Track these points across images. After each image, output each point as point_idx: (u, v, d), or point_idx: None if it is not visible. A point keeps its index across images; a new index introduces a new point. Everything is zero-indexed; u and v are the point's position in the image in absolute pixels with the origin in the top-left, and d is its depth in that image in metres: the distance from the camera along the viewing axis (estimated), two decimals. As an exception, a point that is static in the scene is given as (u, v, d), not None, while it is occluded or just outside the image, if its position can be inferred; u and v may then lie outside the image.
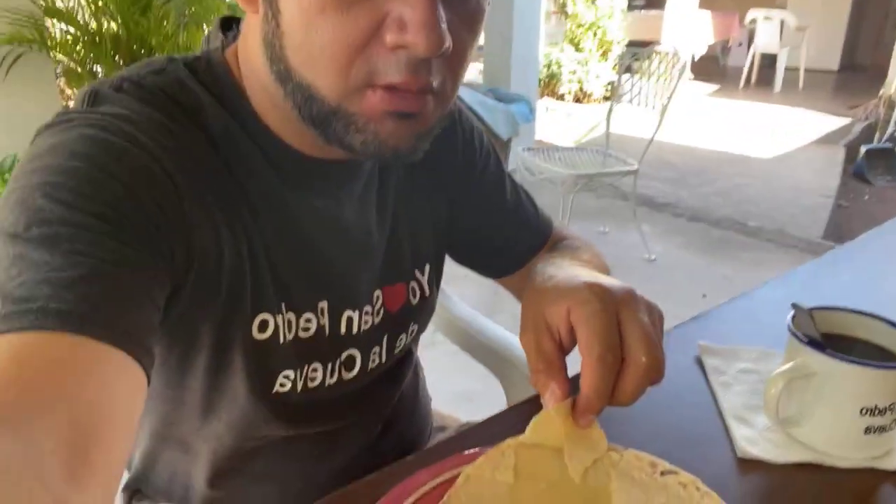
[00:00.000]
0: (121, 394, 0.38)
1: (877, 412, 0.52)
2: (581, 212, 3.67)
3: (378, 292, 0.64)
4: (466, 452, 0.50)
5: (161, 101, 0.50)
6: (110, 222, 0.42)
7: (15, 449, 0.30)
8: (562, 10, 6.92)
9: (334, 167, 0.57)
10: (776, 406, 0.53)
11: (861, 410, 0.52)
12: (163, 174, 0.46)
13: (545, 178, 3.07)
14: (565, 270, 0.53)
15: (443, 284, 1.06)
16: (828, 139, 5.52)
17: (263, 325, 0.55)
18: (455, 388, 2.06)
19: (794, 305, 0.56)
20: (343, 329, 0.61)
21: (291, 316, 0.57)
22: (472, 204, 0.72)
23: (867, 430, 0.52)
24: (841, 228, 3.71)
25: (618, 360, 0.44)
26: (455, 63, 0.48)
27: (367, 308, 0.63)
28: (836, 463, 0.54)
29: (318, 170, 0.57)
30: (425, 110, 0.48)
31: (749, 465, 0.55)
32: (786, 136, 5.62)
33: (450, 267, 0.76)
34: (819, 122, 5.97)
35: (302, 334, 0.58)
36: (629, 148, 3.26)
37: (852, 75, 8.27)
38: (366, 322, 0.63)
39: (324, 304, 0.59)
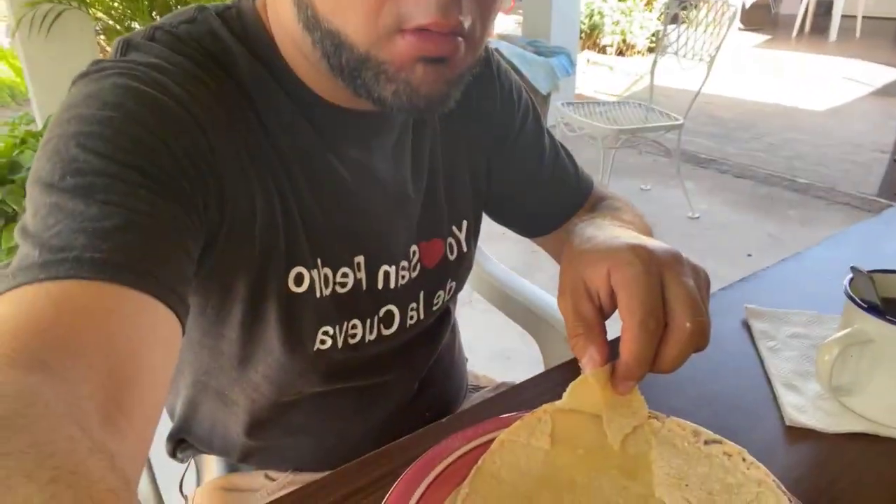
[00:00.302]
0: (155, 341, 0.38)
1: (940, 382, 0.48)
2: (622, 169, 3.59)
3: (415, 247, 0.63)
4: (503, 416, 0.49)
5: (193, 50, 0.50)
6: (144, 173, 0.42)
7: (54, 392, 0.30)
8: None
9: (366, 118, 0.56)
10: (829, 373, 0.51)
11: (922, 380, 0.49)
12: (194, 125, 0.46)
13: (585, 134, 2.99)
14: (606, 231, 0.51)
15: (480, 243, 1.05)
16: (885, 91, 5.24)
17: (299, 279, 0.55)
18: (492, 346, 2.07)
19: (853, 268, 0.53)
20: (381, 284, 0.61)
21: (328, 271, 0.57)
22: (511, 161, 0.71)
23: (927, 401, 0.50)
24: (897, 185, 3.54)
25: (660, 325, 0.42)
26: (485, 4, 0.47)
27: (404, 263, 0.62)
28: (890, 434, 0.51)
29: (350, 121, 0.56)
30: (456, 54, 0.46)
31: (798, 434, 0.52)
32: (840, 88, 5.36)
33: (487, 225, 0.75)
34: (877, 74, 5.65)
35: (339, 290, 0.58)
36: (674, 102, 3.15)
37: (916, 22, 7.78)
38: (402, 277, 0.62)
39: (360, 259, 0.59)
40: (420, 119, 0.63)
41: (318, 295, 0.56)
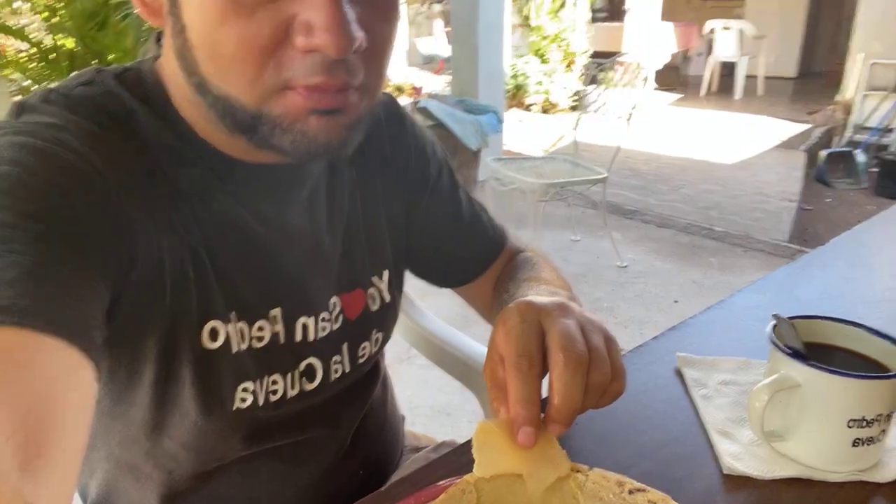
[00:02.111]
0: (69, 384, 0.37)
1: (864, 423, 0.50)
2: (552, 221, 3.68)
3: (335, 299, 0.63)
4: (439, 484, 0.47)
5: (90, 111, 0.49)
6: (45, 222, 0.40)
7: None
8: (526, 22, 6.98)
9: (275, 171, 0.56)
10: (761, 420, 0.52)
11: (848, 422, 0.50)
12: (96, 176, 0.44)
13: (515, 188, 3.06)
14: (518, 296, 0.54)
15: (415, 298, 1.04)
16: (788, 144, 5.64)
17: (214, 334, 0.53)
18: (432, 403, 2.03)
19: (776, 316, 0.55)
20: (299, 336, 0.59)
21: (243, 325, 0.55)
22: (428, 212, 0.72)
23: (855, 443, 0.51)
24: (806, 231, 3.78)
25: (535, 365, 0.44)
26: (375, 56, 0.47)
27: (324, 315, 0.61)
28: (824, 477, 0.53)
29: (258, 174, 0.55)
30: (349, 104, 0.47)
31: (736, 482, 0.53)
32: (747, 142, 5.74)
33: (421, 281, 0.75)
34: (779, 128, 6.10)
35: (256, 343, 0.56)
36: (597, 157, 3.29)
37: (810, 82, 8.49)
38: (323, 329, 0.61)
39: (276, 312, 0.58)
40: (333, 170, 0.63)
41: (234, 350, 0.54)
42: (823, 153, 4.75)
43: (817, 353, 0.53)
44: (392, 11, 0.48)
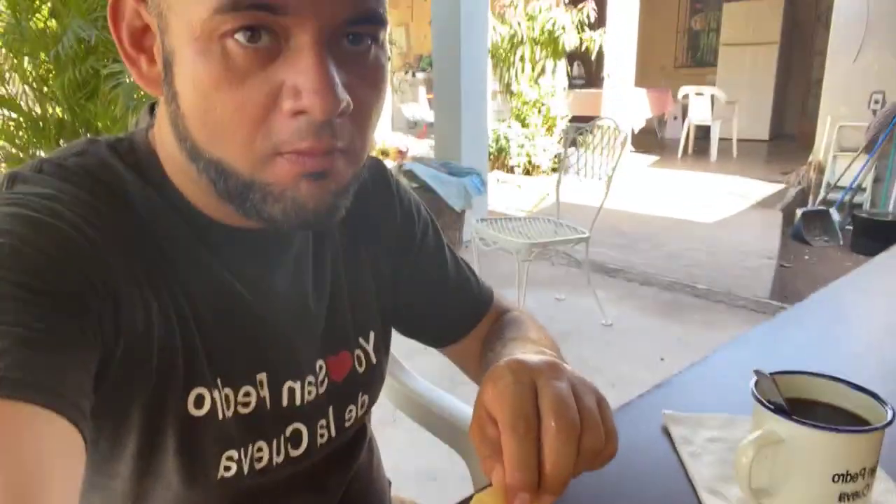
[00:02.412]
0: (57, 453, 0.37)
1: (849, 478, 0.50)
2: (537, 280, 3.70)
3: (321, 362, 0.63)
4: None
5: (83, 180, 0.50)
6: (35, 292, 0.41)
7: None
8: (507, 89, 7.21)
9: (261, 236, 0.57)
10: (748, 476, 0.52)
11: (833, 477, 0.51)
12: (87, 245, 0.45)
13: (500, 248, 3.09)
14: (504, 355, 0.54)
15: (401, 359, 1.03)
16: (764, 203, 5.78)
17: (199, 401, 0.53)
18: (418, 467, 1.99)
19: (757, 371, 0.56)
20: (286, 401, 0.59)
21: (229, 391, 0.55)
22: (414, 272, 0.73)
23: (841, 498, 0.51)
24: (786, 288, 3.83)
25: (532, 428, 0.43)
26: (360, 120, 0.48)
27: (311, 378, 0.61)
28: (813, 533, 0.52)
29: (245, 240, 0.56)
30: (335, 168, 0.48)
31: (726, 541, 0.52)
32: (724, 202, 5.87)
33: (408, 340, 0.75)
34: (755, 188, 6.26)
35: (242, 410, 0.56)
36: (579, 216, 3.34)
37: (782, 143, 8.77)
38: (309, 393, 0.61)
39: (262, 376, 0.57)
40: (319, 233, 0.64)
41: (220, 417, 0.54)
42: (799, 212, 4.87)
43: (800, 409, 0.54)
44: (378, 78, 0.49)
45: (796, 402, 0.56)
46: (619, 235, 4.90)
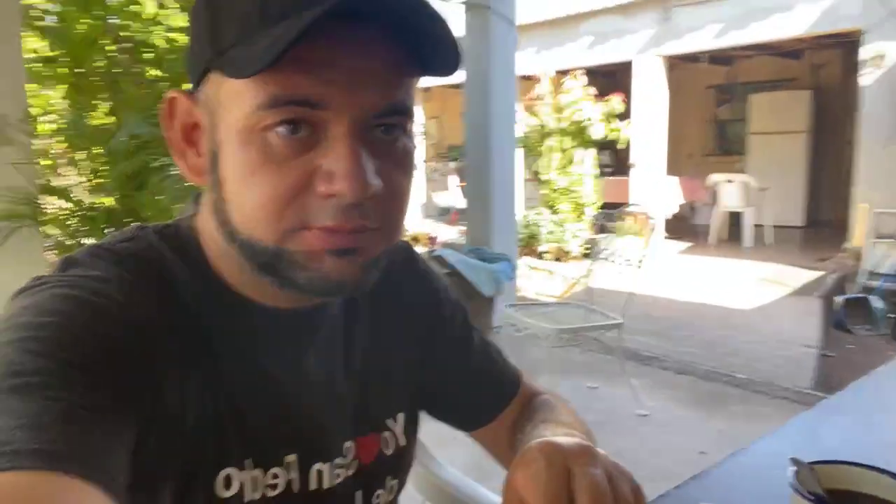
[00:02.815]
0: None
1: (897, 576, 0.48)
2: (568, 367, 3.64)
3: (350, 443, 0.63)
4: None
5: (132, 264, 0.53)
6: (80, 369, 0.43)
7: None
8: (536, 176, 7.37)
9: (296, 317, 0.59)
10: (790, 573, 0.50)
11: (880, 574, 0.48)
12: (131, 327, 0.48)
13: (530, 334, 3.07)
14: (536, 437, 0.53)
15: (431, 447, 1.02)
16: (802, 291, 5.66)
17: (228, 482, 0.53)
18: (446, 565, 1.90)
19: (794, 461, 0.54)
20: (314, 484, 0.59)
21: (258, 472, 0.55)
22: (441, 356, 0.73)
23: None
24: (829, 378, 3.69)
25: None
26: (392, 200, 0.51)
27: (339, 460, 0.61)
28: None
29: (280, 321, 0.58)
30: (364, 245, 0.50)
31: None
32: (761, 288, 5.77)
33: (438, 429, 0.74)
34: (791, 275, 6.16)
35: (269, 492, 0.56)
36: (610, 302, 3.31)
37: (818, 230, 8.68)
38: (337, 475, 0.61)
39: (292, 458, 0.58)
40: (349, 315, 0.65)
41: (246, 499, 0.54)
42: (839, 299, 4.75)
43: (840, 500, 0.52)
44: (407, 163, 0.52)
45: (837, 494, 0.54)
46: (653, 322, 4.82)
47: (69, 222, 2.85)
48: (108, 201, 2.80)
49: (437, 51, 0.48)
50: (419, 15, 0.46)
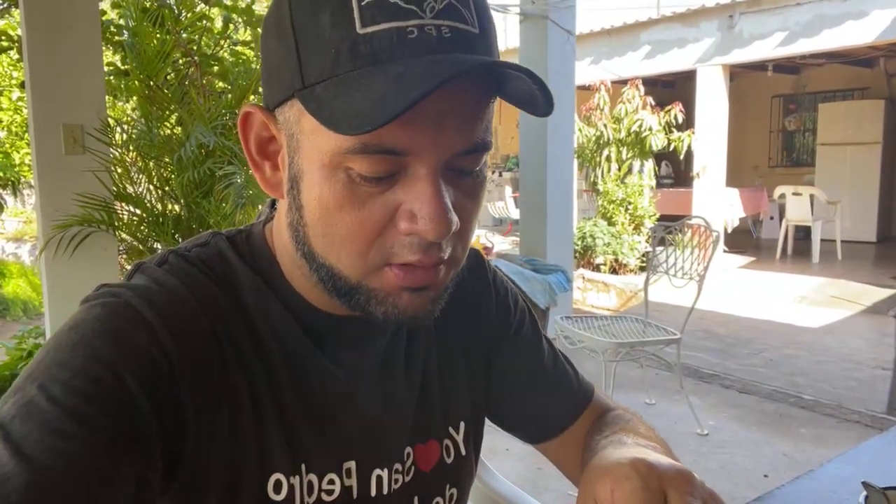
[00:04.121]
0: None
1: None
2: (624, 383, 3.56)
3: (409, 449, 0.63)
4: None
5: (199, 272, 0.55)
6: (87, 419, 0.44)
7: None
8: (593, 187, 7.27)
9: (358, 322, 0.59)
10: None
11: None
12: (161, 357, 0.48)
13: (585, 347, 3.02)
14: (620, 448, 0.51)
15: (483, 458, 1.01)
16: (874, 309, 5.39)
17: (278, 487, 0.54)
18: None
19: (866, 484, 0.52)
20: (374, 490, 0.59)
21: (312, 477, 0.56)
22: (507, 363, 0.72)
23: None
24: (905, 402, 3.49)
25: None
26: (465, 232, 0.52)
27: (398, 466, 0.61)
28: None
29: (342, 325, 0.59)
30: (437, 279, 0.51)
31: None
32: (830, 306, 5.52)
33: (491, 441, 0.74)
34: (863, 293, 5.86)
35: (325, 497, 0.56)
36: (669, 317, 3.24)
37: (891, 246, 8.25)
38: (396, 481, 0.61)
39: (351, 465, 0.58)
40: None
41: (297, 503, 0.55)
42: (916, 318, 4.50)
43: (919, 530, 0.49)
44: (480, 193, 0.53)
45: (915, 524, 0.51)
46: (714, 339, 4.67)
47: (140, 228, 2.98)
48: (177, 208, 2.92)
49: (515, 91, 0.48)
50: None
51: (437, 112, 0.46)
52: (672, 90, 9.39)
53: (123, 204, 2.99)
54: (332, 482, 0.57)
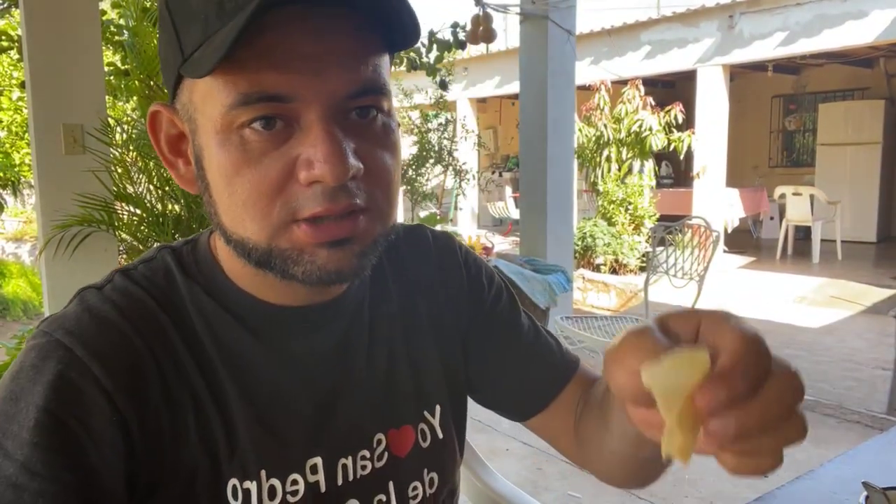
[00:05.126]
0: None
1: None
2: (624, 383, 3.56)
3: (380, 435, 0.62)
4: None
5: (140, 289, 0.56)
6: (43, 468, 0.46)
7: None
8: (593, 187, 7.27)
9: (310, 311, 0.59)
10: None
11: None
12: (96, 391, 0.49)
13: (585, 347, 3.03)
14: None
15: (483, 458, 1.02)
16: (875, 309, 5.38)
17: (235, 492, 0.54)
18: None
19: (866, 484, 0.52)
20: (340, 479, 0.59)
21: (274, 482, 0.55)
22: (484, 339, 0.71)
23: None
24: (905, 402, 3.49)
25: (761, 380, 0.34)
26: (379, 179, 0.51)
27: (364, 452, 0.61)
28: None
29: (293, 317, 0.58)
30: (358, 230, 0.51)
31: None
32: (830, 306, 5.52)
33: (491, 441, 0.73)
34: (863, 293, 5.86)
35: (290, 498, 0.56)
36: (669, 318, 3.23)
37: (891, 246, 8.25)
38: (363, 468, 0.60)
39: (316, 461, 0.58)
40: (374, 305, 0.65)
41: None
42: (916, 318, 4.50)
43: (919, 531, 0.49)
44: (388, 142, 0.52)
45: (915, 524, 0.51)
46: (714, 338, 4.67)
47: (141, 228, 2.98)
48: (177, 208, 2.92)
49: (397, 26, 0.48)
50: None
51: (314, 55, 0.46)
52: (672, 90, 9.38)
53: (123, 204, 2.98)
54: (295, 482, 0.56)
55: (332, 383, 0.60)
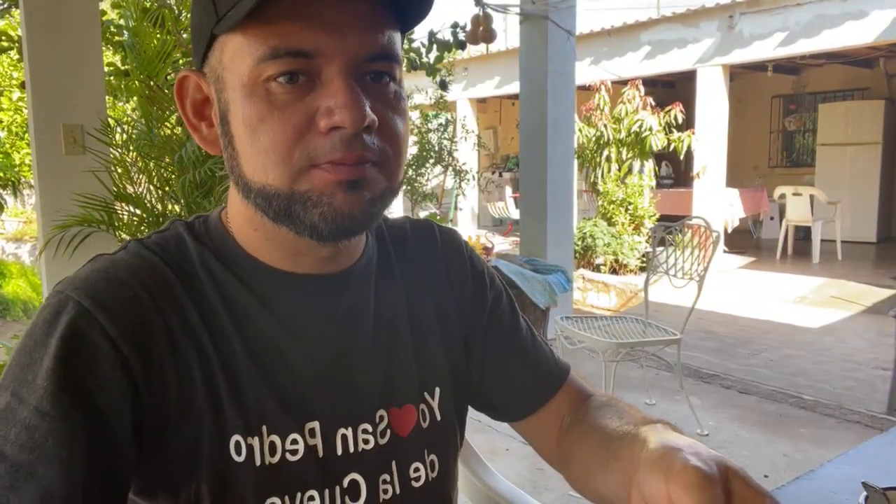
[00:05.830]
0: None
1: None
2: (624, 383, 3.56)
3: (382, 412, 0.63)
4: None
5: (152, 254, 0.58)
6: (56, 410, 0.49)
7: None
8: (593, 188, 7.27)
9: (317, 281, 0.61)
10: None
11: None
12: (103, 340, 0.52)
13: (585, 347, 3.03)
14: (656, 437, 0.51)
15: (483, 458, 1.02)
16: (875, 309, 5.38)
17: (238, 448, 0.56)
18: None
19: (866, 485, 0.52)
20: (339, 449, 0.60)
21: (275, 438, 0.57)
22: (484, 337, 0.73)
23: None
24: (905, 402, 3.49)
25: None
26: (391, 137, 0.55)
27: (366, 426, 0.62)
28: None
29: (300, 286, 0.61)
30: (368, 177, 0.54)
31: None
32: (830, 306, 5.52)
33: (491, 441, 0.74)
34: (863, 293, 5.86)
35: (289, 457, 0.57)
36: (669, 317, 3.24)
37: (891, 246, 8.25)
38: (365, 441, 0.61)
39: (314, 425, 0.59)
40: (380, 283, 0.67)
41: (257, 464, 0.56)
42: (916, 318, 4.50)
43: (919, 531, 0.49)
44: (399, 105, 0.56)
45: (915, 524, 0.51)
46: (714, 339, 4.67)
47: (141, 228, 2.98)
48: (177, 208, 2.92)
49: (412, 4, 0.54)
50: None
51: (337, 18, 0.51)
52: (672, 90, 9.38)
53: (123, 204, 2.98)
54: (295, 442, 0.58)
55: (335, 353, 0.62)
